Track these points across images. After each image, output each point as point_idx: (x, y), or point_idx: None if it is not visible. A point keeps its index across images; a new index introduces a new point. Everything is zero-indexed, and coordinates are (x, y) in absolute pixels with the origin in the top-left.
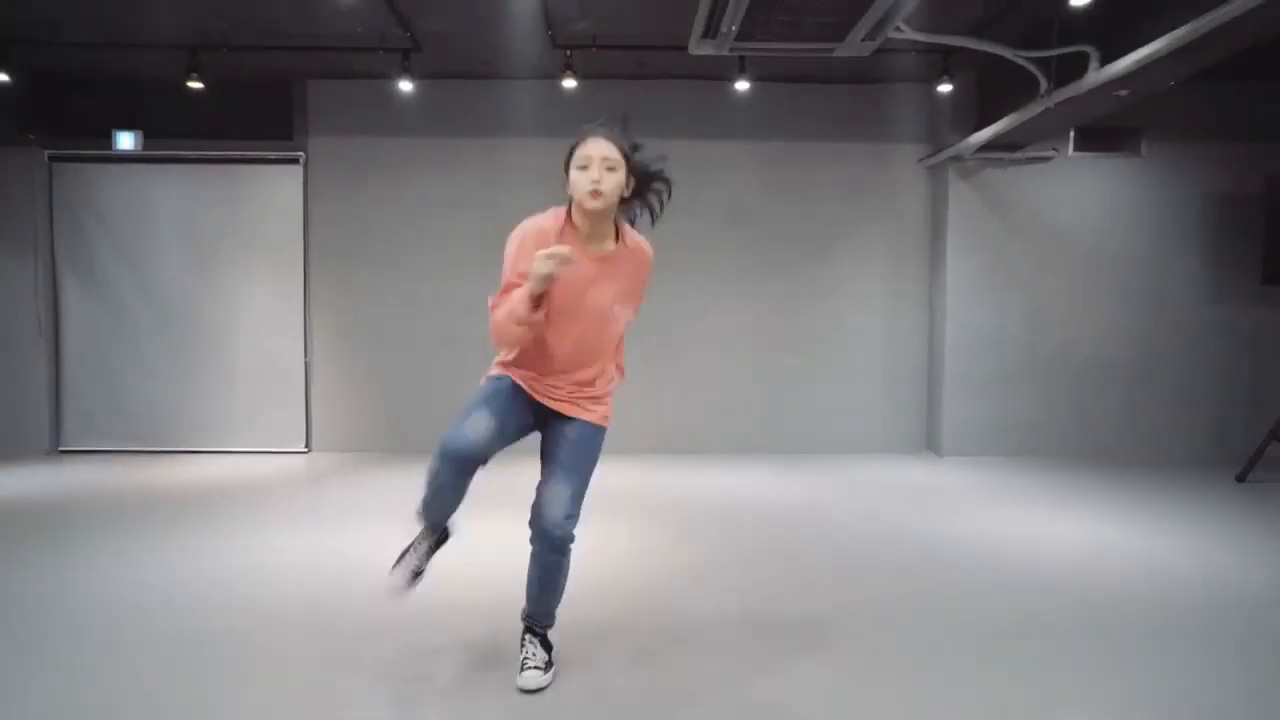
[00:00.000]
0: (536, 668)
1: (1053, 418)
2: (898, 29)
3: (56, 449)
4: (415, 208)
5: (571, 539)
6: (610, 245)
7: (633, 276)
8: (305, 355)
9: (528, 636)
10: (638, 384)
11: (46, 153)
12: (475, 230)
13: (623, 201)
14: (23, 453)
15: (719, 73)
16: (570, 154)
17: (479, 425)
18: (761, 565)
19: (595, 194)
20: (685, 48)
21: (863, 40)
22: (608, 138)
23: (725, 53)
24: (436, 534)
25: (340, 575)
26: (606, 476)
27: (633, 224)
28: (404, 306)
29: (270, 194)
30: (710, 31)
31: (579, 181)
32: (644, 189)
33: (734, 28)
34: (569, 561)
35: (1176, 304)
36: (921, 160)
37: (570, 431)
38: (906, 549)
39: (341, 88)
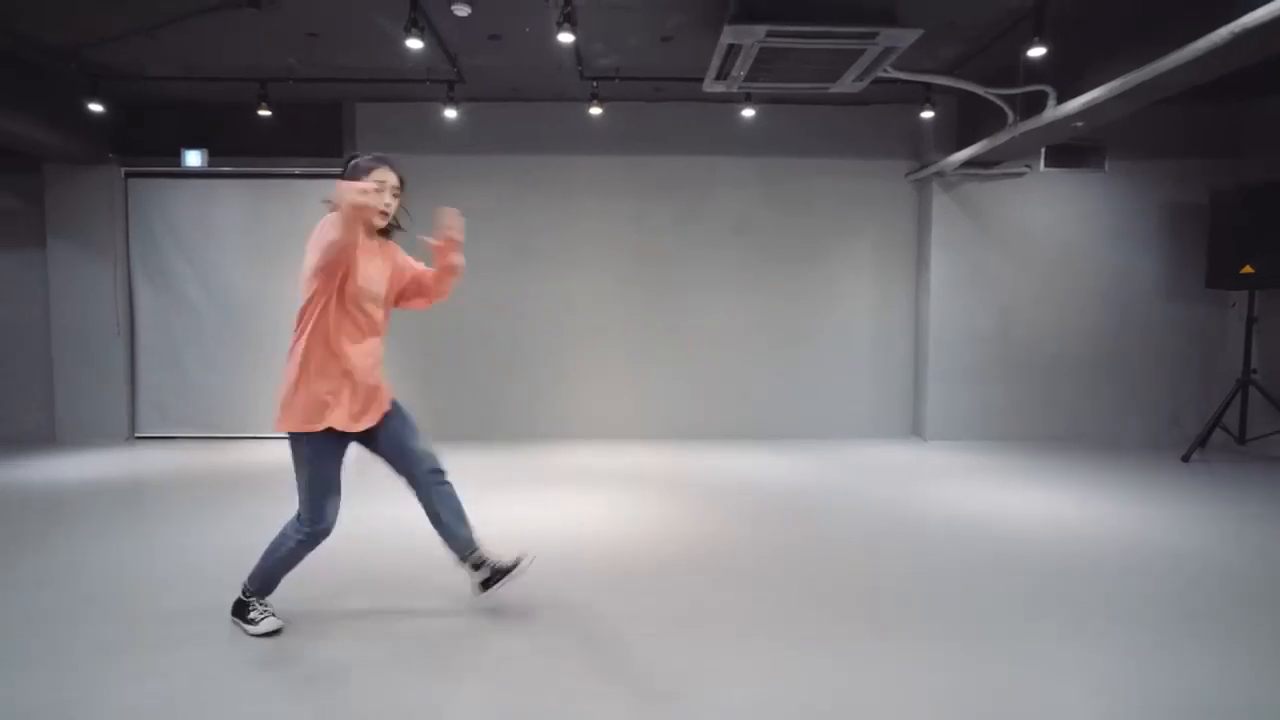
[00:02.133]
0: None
1: (1023, 405)
2: (884, 70)
3: (133, 435)
4: None
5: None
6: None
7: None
8: None
9: (482, 551)
10: (647, 375)
11: (124, 170)
12: (506, 237)
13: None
14: (103, 439)
15: (726, 98)
16: (366, 172)
17: (336, 505)
18: (775, 536)
19: (384, 214)
20: (696, 79)
21: (854, 81)
22: (396, 172)
23: (734, 90)
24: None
25: (394, 543)
26: (622, 458)
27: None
28: (443, 305)
29: (322, 207)
30: (722, 75)
31: (369, 203)
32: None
33: (742, 73)
34: None
35: (1134, 303)
36: (908, 175)
37: (392, 420)
38: (899, 518)
39: (386, 110)
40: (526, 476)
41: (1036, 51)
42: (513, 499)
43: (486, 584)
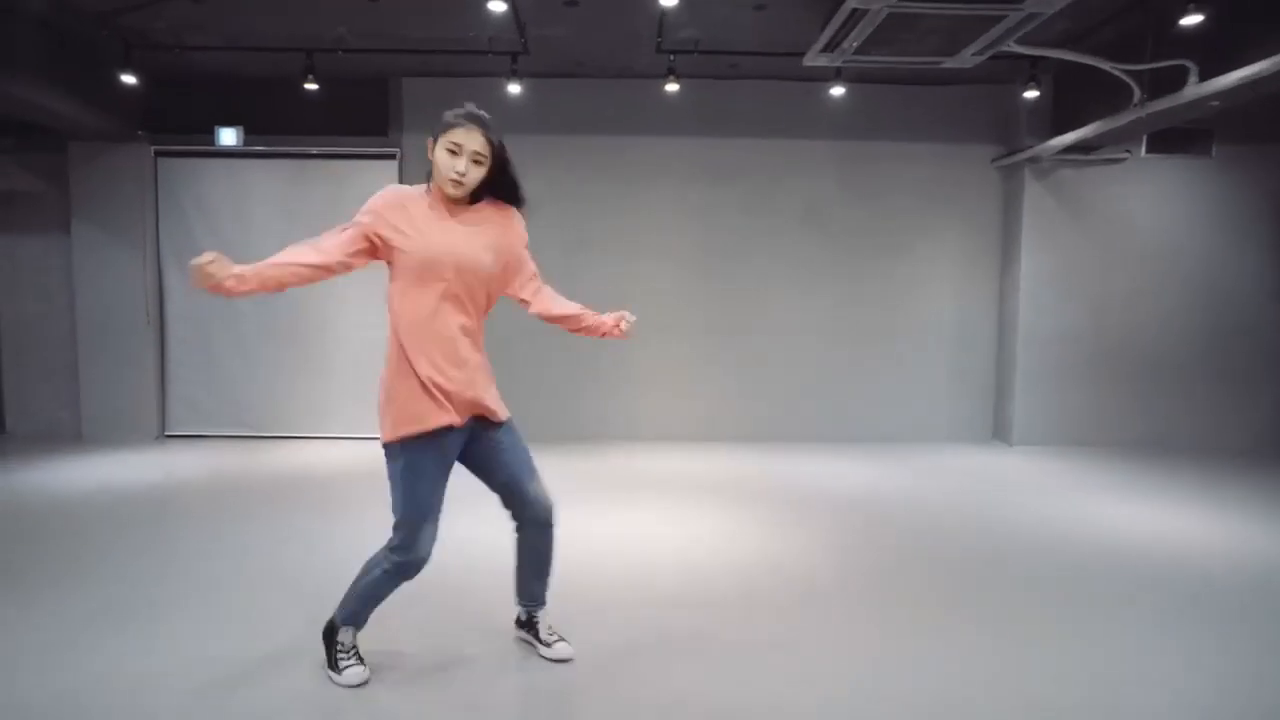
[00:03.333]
0: (563, 639)
1: (1117, 409)
2: (1008, 44)
3: (163, 434)
4: None
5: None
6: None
7: (504, 232)
8: None
9: (539, 614)
10: (714, 375)
11: (153, 148)
12: (567, 223)
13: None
14: (133, 438)
15: (808, 74)
16: (441, 130)
17: (432, 533)
18: (875, 555)
19: (457, 183)
20: (781, 54)
21: (972, 55)
22: (483, 132)
23: (837, 64)
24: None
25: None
26: (691, 463)
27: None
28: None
29: (367, 189)
30: (831, 46)
31: (443, 165)
32: (498, 188)
33: (855, 44)
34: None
35: (1239, 301)
36: (994, 161)
37: (501, 436)
38: (1010, 535)
39: (435, 85)
40: (595, 485)
41: (1192, 20)
42: (584, 510)
43: (522, 626)
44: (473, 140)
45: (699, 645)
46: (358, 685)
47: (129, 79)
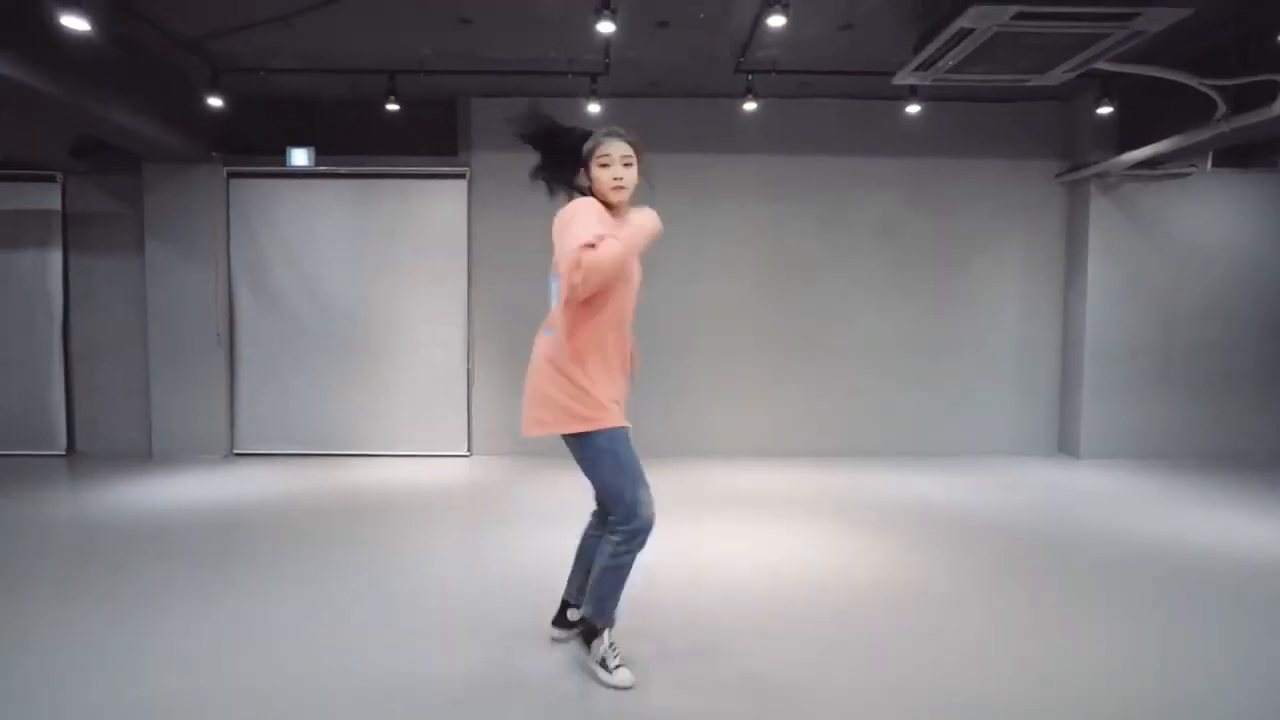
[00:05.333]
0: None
1: (1186, 422)
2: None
3: (231, 452)
4: None
5: None
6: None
7: None
8: (467, 363)
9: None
10: (780, 390)
11: (226, 170)
12: None
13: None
14: (202, 456)
15: (875, 93)
16: (590, 153)
17: (650, 496)
18: (964, 577)
19: (619, 187)
20: (859, 73)
21: (1064, 73)
22: (623, 138)
23: (928, 83)
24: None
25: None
26: (761, 478)
27: None
28: None
29: (435, 208)
30: (926, 65)
31: (602, 177)
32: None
33: (952, 62)
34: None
35: None
36: (1058, 176)
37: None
38: (1103, 539)
39: (505, 105)
40: (667, 500)
41: None
42: (679, 527)
43: (558, 623)
44: (618, 148)
45: (875, 652)
46: (626, 687)
47: (215, 102)
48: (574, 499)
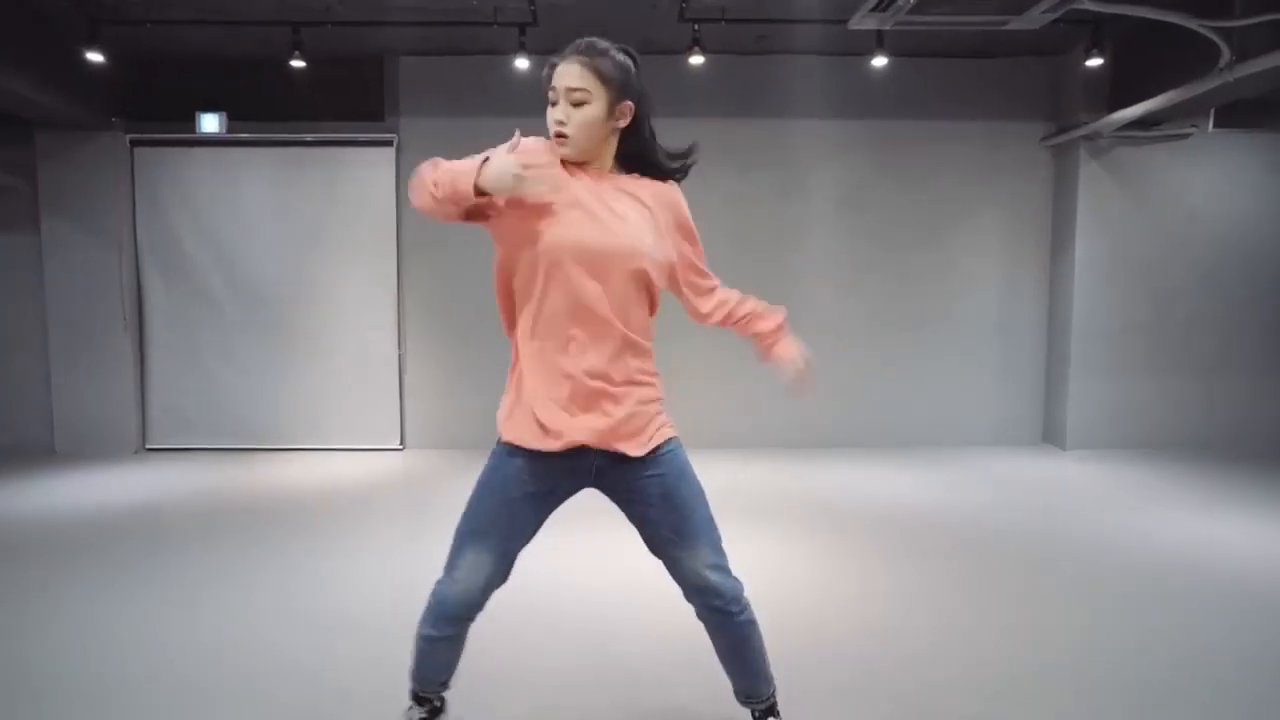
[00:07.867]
0: None
1: (1180, 408)
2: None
3: (143, 446)
4: None
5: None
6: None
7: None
8: (399, 348)
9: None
10: (734, 375)
11: (128, 137)
12: None
13: (626, 136)
14: (110, 451)
15: (846, 49)
16: (546, 79)
17: (482, 565)
18: (950, 592)
19: (559, 136)
20: (820, 21)
21: (1043, 13)
22: (579, 60)
23: (887, 27)
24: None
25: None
26: (711, 472)
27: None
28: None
29: (361, 178)
30: (883, 5)
31: (547, 121)
32: (648, 113)
33: (912, 1)
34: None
35: None
36: (1045, 139)
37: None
38: (1084, 551)
39: (436, 64)
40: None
41: None
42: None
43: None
44: (565, 75)
45: None
46: None
47: (95, 57)
48: None
